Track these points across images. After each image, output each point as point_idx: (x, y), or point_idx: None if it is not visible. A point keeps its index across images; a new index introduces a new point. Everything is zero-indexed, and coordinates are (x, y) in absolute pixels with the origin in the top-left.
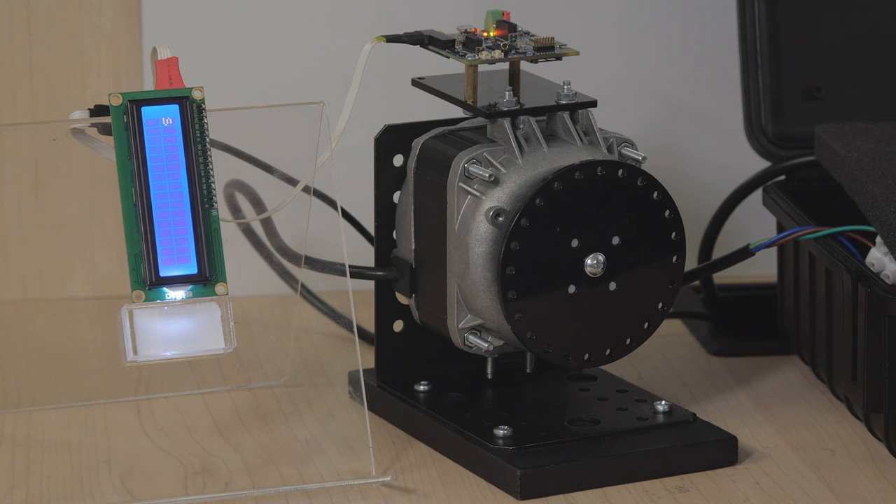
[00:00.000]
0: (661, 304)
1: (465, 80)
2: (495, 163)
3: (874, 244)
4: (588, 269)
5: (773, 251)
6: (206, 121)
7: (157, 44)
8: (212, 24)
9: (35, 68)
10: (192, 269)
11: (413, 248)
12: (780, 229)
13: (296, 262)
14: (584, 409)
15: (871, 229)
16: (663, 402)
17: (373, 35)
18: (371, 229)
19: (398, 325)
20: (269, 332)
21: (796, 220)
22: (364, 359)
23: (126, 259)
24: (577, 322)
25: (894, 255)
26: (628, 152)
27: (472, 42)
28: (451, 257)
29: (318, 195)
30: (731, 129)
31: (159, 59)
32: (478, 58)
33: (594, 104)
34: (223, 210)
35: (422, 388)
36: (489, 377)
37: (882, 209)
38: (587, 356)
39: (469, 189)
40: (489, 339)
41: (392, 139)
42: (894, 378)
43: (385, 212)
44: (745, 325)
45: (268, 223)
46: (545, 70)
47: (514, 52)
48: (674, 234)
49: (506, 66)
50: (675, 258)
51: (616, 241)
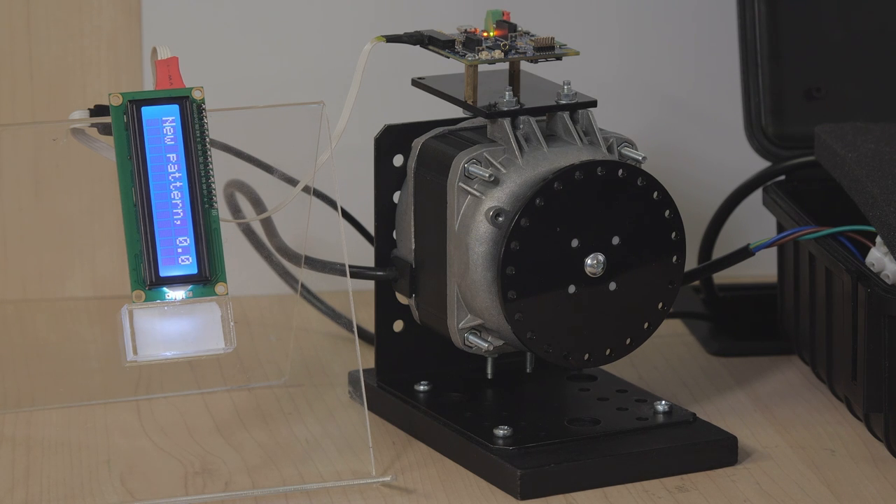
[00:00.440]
0: (661, 304)
1: (465, 80)
2: (495, 163)
3: (874, 244)
4: (588, 269)
5: (773, 251)
6: (206, 121)
7: (157, 44)
8: (212, 24)
9: (35, 68)
10: (192, 269)
11: (413, 248)
12: (780, 229)
13: (296, 262)
14: (584, 409)
15: (871, 229)
16: (663, 402)
17: (373, 35)
18: (371, 229)
19: (398, 325)
20: (269, 332)
21: (796, 220)
22: (364, 359)
23: (126, 259)
24: (577, 322)
25: (894, 255)
26: (628, 152)
27: (472, 42)
28: (451, 257)
29: (318, 195)
30: (731, 129)
31: (159, 59)
32: (478, 58)
33: (594, 104)
34: (223, 210)
35: (422, 388)
36: (489, 377)
37: (882, 209)
38: (587, 356)
39: (469, 189)
40: (489, 339)
41: (392, 139)
42: (894, 378)
43: (385, 212)
44: (745, 325)
45: (268, 223)
46: (545, 70)
47: (514, 52)
48: (674, 234)
49: (506, 66)
50: (675, 258)
51: (616, 241)
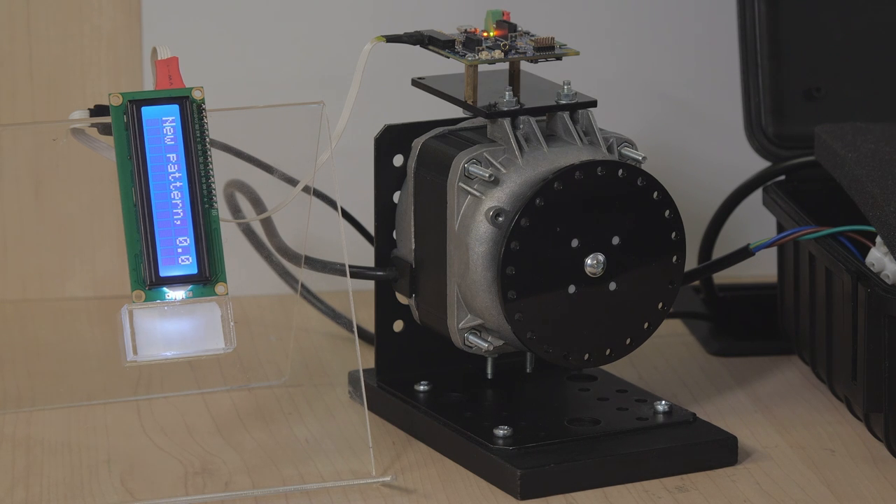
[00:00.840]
0: (661, 304)
1: (465, 80)
2: (495, 163)
3: (874, 244)
4: (588, 269)
5: (773, 251)
6: (206, 121)
7: (157, 44)
8: (212, 24)
9: (35, 68)
10: (192, 269)
11: (413, 248)
12: (780, 229)
13: (296, 262)
14: (584, 409)
15: (871, 229)
16: (663, 402)
17: (373, 35)
18: (371, 229)
19: (398, 325)
20: (269, 332)
21: (796, 220)
22: (364, 359)
23: (126, 259)
24: (577, 322)
25: (894, 255)
26: (628, 152)
27: (472, 42)
28: (451, 257)
29: (318, 195)
30: (731, 129)
31: (159, 59)
32: (478, 58)
33: (594, 104)
34: (223, 210)
35: (422, 388)
36: (489, 377)
37: (882, 209)
38: (587, 356)
39: (469, 189)
40: (489, 339)
41: (392, 139)
42: (894, 378)
43: (385, 212)
44: (745, 325)
45: (268, 223)
46: (545, 70)
47: (514, 52)
48: (674, 234)
49: (506, 66)
50: (675, 258)
51: (616, 241)
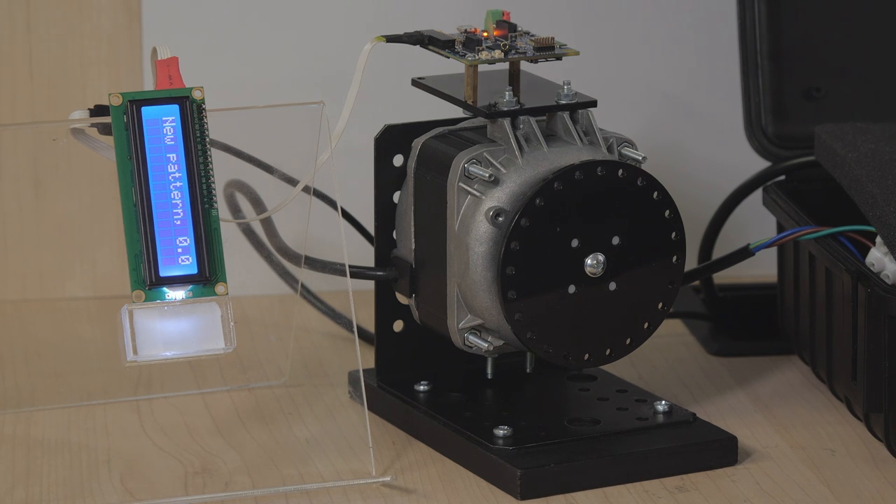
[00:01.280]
0: (661, 304)
1: (465, 80)
2: (495, 163)
3: (874, 244)
4: (588, 269)
5: (773, 251)
6: (206, 121)
7: (157, 44)
8: (212, 24)
9: (35, 68)
10: (192, 269)
11: (413, 248)
12: (780, 229)
13: (296, 262)
14: (584, 409)
15: (871, 229)
16: (663, 402)
17: (373, 35)
18: (371, 229)
19: (398, 325)
20: (269, 332)
21: (796, 220)
22: (364, 359)
23: (126, 259)
24: (577, 322)
25: (894, 255)
26: (628, 152)
27: (472, 42)
28: (451, 257)
29: (318, 195)
30: (731, 129)
31: (159, 59)
32: (478, 58)
33: (594, 104)
34: (223, 210)
35: (422, 388)
36: (489, 377)
37: (882, 209)
38: (587, 356)
39: (469, 189)
40: (489, 339)
41: (392, 139)
42: (894, 378)
43: (385, 212)
44: (745, 325)
45: (268, 223)
46: (545, 70)
47: (514, 52)
48: (674, 234)
49: (506, 66)
50: (675, 258)
51: (616, 241)
